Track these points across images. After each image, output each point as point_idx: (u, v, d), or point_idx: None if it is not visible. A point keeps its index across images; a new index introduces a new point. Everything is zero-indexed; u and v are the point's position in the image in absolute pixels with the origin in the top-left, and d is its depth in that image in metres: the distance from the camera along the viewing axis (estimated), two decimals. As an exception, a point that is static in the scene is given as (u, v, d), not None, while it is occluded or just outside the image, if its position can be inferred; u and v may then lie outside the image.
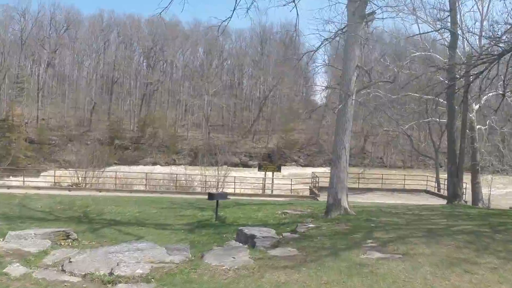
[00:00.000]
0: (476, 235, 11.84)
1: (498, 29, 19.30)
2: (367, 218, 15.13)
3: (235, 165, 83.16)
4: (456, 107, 25.94)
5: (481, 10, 29.38)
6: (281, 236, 12.53)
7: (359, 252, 9.97)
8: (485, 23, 29.10)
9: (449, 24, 24.38)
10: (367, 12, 17.15)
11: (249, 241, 11.99)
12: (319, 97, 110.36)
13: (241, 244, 12.06)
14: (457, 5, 24.69)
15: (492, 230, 12.72)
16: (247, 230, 12.95)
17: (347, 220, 14.83)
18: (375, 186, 41.27)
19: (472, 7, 39.64)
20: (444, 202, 28.54)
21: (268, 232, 12.76)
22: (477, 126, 32.76)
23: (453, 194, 23.99)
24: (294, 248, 10.73)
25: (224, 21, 16.97)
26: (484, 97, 34.52)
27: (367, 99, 40.21)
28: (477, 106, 32.21)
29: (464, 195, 27.14)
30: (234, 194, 31.02)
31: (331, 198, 16.60)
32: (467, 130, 27.37)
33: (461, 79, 23.47)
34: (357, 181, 40.24)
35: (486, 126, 36.85)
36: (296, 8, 16.81)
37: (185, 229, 17.39)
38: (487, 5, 29.59)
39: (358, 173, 41.94)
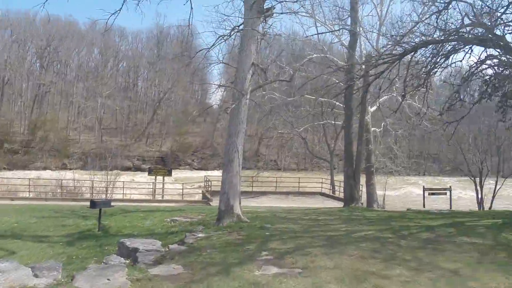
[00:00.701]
0: (380, 242, 10.89)
1: (399, 31, 18.87)
2: (262, 225, 13.85)
3: (128, 169, 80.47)
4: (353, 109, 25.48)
5: (379, 13, 29.23)
6: (167, 249, 10.95)
7: (253, 267, 8.56)
8: (383, 27, 28.94)
9: (348, 26, 23.83)
10: (265, 7, 15.99)
11: (132, 255, 10.40)
12: (214, 99, 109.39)
13: (122, 259, 10.36)
14: (358, 5, 24.20)
15: (396, 236, 11.88)
16: (130, 243, 11.25)
17: (240, 228, 13.44)
18: (270, 189, 40.45)
19: (371, 10, 39.94)
20: (340, 204, 28.13)
21: (153, 244, 11.15)
22: (372, 128, 32.78)
23: (350, 197, 23.37)
24: (179, 264, 9.18)
25: (113, 14, 15.60)
26: (381, 99, 34.73)
27: (263, 101, 39.50)
28: (373, 108, 32.16)
29: (361, 198, 26.76)
30: (122, 200, 29.17)
31: (223, 204, 15.18)
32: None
33: (360, 80, 23.05)
34: (251, 185, 39.26)
35: (381, 129, 37.20)
36: (190, 1, 15.41)
37: (64, 242, 15.47)
38: (386, 9, 29.50)
39: (252, 176, 40.99)
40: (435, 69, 19.22)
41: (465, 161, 36.06)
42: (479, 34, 18.25)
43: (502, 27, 18.35)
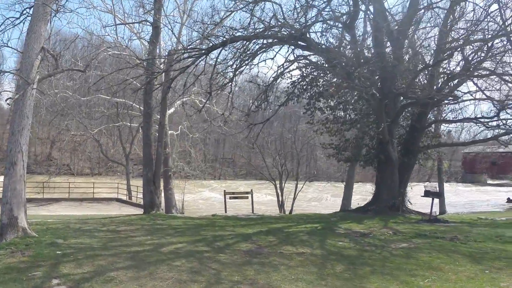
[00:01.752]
0: (197, 258, 9.61)
1: (207, 26, 17.84)
2: (52, 240, 11.70)
3: None
4: (153, 108, 23.95)
5: (182, 8, 28.07)
6: None
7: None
8: (190, 20, 27.74)
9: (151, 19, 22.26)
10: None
11: None
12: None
13: None
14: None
15: (213, 249, 10.78)
16: None
17: (26, 245, 11.13)
18: (63, 196, 37.14)
19: (174, 10, 38.61)
20: (138, 211, 26.55)
21: None
22: (170, 131, 31.72)
23: (151, 203, 21.74)
24: None
25: None
26: (178, 101, 33.73)
27: (55, 101, 36.46)
28: (170, 111, 31.02)
29: (161, 203, 25.27)
30: None
31: (5, 216, 12.57)
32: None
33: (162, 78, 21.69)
34: (42, 191, 35.77)
35: (178, 132, 36.40)
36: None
37: None
38: (189, 7, 28.39)
39: (42, 182, 37.45)
40: (242, 68, 18.61)
41: (265, 164, 36.40)
42: (288, 34, 17.97)
43: (309, 28, 18.36)
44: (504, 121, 21.81)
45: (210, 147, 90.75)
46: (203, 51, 17.28)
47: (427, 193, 20.22)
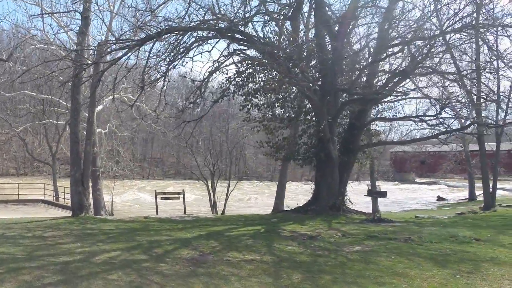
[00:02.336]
0: (135, 269, 8.58)
1: (141, 14, 16.66)
2: (-30, 250, 10.44)
3: None
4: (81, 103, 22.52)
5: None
6: None
7: None
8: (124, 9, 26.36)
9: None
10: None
11: None
12: None
13: None
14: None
15: (151, 257, 9.76)
16: None
17: None
18: None
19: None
20: (66, 213, 25.10)
21: None
22: (98, 130, 30.35)
23: (79, 205, 20.31)
24: None
25: None
26: (107, 98, 32.41)
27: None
28: (98, 108, 29.69)
29: (90, 205, 23.84)
30: None
31: None
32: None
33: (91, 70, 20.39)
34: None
35: (107, 130, 35.03)
36: None
37: None
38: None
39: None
40: (175, 62, 17.63)
41: (196, 164, 35.39)
42: (226, 26, 17.15)
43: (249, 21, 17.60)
44: (443, 120, 21.83)
45: (138, 146, 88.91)
46: (136, 42, 16.15)
47: (370, 192, 19.82)
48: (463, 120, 28.72)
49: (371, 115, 24.78)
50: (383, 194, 19.39)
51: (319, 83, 20.18)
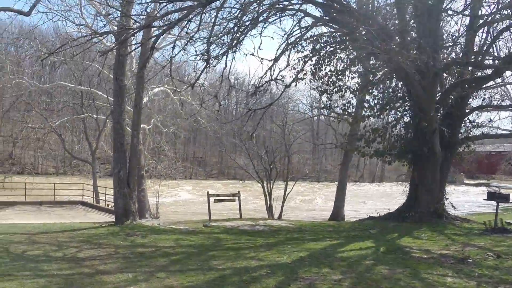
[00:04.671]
0: None
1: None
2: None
3: None
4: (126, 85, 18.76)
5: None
6: None
7: None
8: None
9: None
10: None
11: None
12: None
13: None
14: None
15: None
16: None
17: None
18: (19, 198, 31.15)
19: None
20: (106, 217, 21.81)
21: None
22: (142, 125, 26.89)
23: (124, 211, 16.46)
24: None
25: None
26: (155, 90, 29.02)
27: (9, 87, 31.47)
28: (145, 99, 26.15)
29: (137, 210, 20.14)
30: None
31: None
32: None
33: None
34: (-5, 194, 30.08)
35: (151, 125, 31.56)
36: None
37: None
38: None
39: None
40: (249, 30, 13.70)
41: (251, 163, 31.72)
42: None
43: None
44: None
45: (180, 144, 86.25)
46: (198, 3, 12.12)
47: (492, 196, 15.46)
48: None
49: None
50: (506, 198, 15.17)
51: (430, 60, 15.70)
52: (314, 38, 16.93)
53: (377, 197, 54.95)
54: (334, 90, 18.25)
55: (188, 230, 14.86)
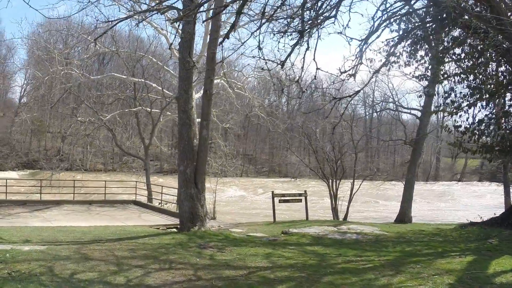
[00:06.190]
0: None
1: None
2: None
3: None
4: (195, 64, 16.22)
5: None
6: None
7: None
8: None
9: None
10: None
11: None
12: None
13: None
14: None
15: None
16: None
17: None
18: (67, 197, 28.94)
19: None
20: (163, 219, 20.18)
21: None
22: (197, 119, 24.72)
23: (190, 215, 13.90)
24: None
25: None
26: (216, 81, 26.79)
27: (58, 78, 30.23)
28: (198, 95, 24.02)
29: (207, 214, 17.64)
30: None
31: None
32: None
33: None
34: (40, 191, 27.75)
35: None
36: None
37: None
38: None
39: (40, 180, 29.75)
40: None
41: (316, 160, 29.39)
42: None
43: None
44: None
45: (230, 141, 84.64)
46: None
47: None
48: None
49: None
50: None
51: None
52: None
53: (434, 196, 52.11)
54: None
55: (269, 240, 12.25)
